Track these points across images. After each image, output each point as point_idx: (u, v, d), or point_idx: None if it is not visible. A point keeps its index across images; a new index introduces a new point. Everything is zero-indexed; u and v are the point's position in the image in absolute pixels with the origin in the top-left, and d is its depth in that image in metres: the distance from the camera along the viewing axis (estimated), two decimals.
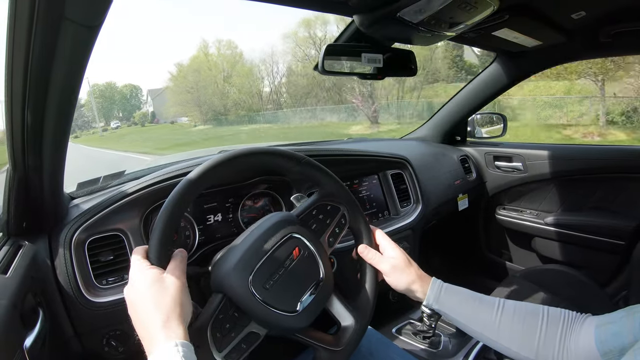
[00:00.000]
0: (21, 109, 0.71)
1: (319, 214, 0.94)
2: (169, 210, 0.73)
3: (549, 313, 0.80)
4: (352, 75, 1.25)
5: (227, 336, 0.74)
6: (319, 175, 0.95)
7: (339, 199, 0.97)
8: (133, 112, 70.13)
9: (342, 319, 0.91)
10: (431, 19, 0.97)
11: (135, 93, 73.89)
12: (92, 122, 73.64)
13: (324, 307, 0.89)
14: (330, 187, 0.96)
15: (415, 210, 1.76)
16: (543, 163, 2.08)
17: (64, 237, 1.02)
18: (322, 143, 2.18)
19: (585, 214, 2.00)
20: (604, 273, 1.95)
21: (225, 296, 0.77)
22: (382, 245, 0.98)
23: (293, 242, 0.86)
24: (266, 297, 0.77)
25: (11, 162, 0.85)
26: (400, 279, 0.93)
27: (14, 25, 0.55)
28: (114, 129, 60.59)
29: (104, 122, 72.43)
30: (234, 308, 0.77)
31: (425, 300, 0.91)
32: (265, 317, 0.77)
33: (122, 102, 72.36)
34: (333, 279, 0.89)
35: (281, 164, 0.91)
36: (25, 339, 0.77)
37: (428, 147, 2.26)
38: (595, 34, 1.50)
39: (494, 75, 2.03)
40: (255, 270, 0.79)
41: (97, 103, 70.64)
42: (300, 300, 0.82)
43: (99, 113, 74.38)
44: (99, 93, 71.78)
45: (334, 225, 0.95)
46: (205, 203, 1.31)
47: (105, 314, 1.04)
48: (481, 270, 2.55)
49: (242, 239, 0.85)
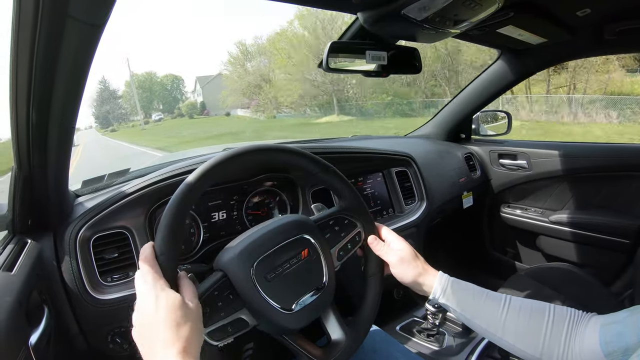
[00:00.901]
0: (26, 108, 0.71)
1: (336, 225, 0.94)
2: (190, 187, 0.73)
3: (555, 311, 0.79)
4: (356, 73, 1.25)
5: (216, 314, 0.73)
6: (343, 187, 0.95)
7: (358, 216, 0.96)
8: (174, 104, 65.49)
9: (334, 334, 0.90)
10: (435, 16, 0.97)
11: (176, 84, 69.73)
12: (131, 114, 70.03)
13: (319, 316, 0.89)
14: (352, 202, 0.96)
15: (419, 207, 1.76)
16: (548, 161, 2.08)
17: (69, 235, 1.02)
18: (327, 140, 2.18)
19: (590, 213, 1.99)
20: (609, 272, 1.95)
21: (225, 276, 0.78)
22: (388, 239, 0.97)
23: (304, 243, 0.86)
24: (265, 288, 0.78)
25: (16, 160, 0.86)
26: (407, 271, 0.92)
27: (18, 24, 0.56)
28: (156, 122, 55.70)
29: (142, 114, 67.61)
30: (231, 290, 0.77)
31: (432, 293, 0.90)
32: (259, 307, 0.77)
33: (162, 93, 68.20)
34: (334, 291, 0.88)
35: (307, 167, 0.91)
36: (31, 336, 0.78)
37: (433, 145, 2.26)
38: (599, 32, 1.50)
39: (499, 73, 2.03)
40: (261, 258, 0.79)
41: (135, 93, 66.52)
42: (297, 300, 0.81)
43: (134, 105, 69.00)
44: (137, 84, 67.48)
45: (347, 239, 0.94)
46: (210, 200, 1.31)
47: (110, 311, 1.04)
48: (485, 269, 2.54)
49: (256, 229, 0.86)
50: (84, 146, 30.69)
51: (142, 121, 54.65)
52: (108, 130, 63.41)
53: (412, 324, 1.57)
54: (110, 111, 72.60)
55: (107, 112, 72.63)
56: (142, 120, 55.72)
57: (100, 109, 75.17)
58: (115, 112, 71.22)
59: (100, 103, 74.37)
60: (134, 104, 66.13)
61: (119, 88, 75.62)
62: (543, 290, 1.62)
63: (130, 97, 67.11)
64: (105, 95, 74.50)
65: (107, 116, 72.33)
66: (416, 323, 1.57)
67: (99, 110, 75.16)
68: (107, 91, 74.32)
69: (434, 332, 1.49)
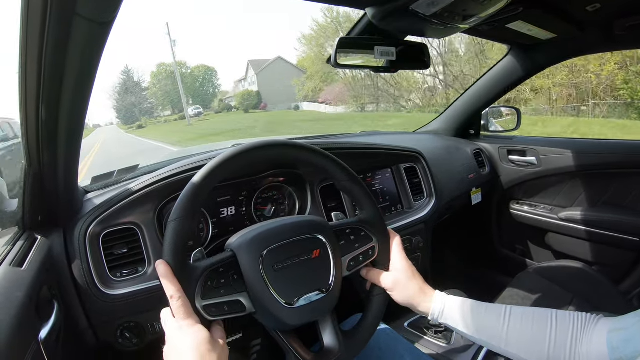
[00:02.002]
0: (35, 105, 0.71)
1: (352, 234, 0.95)
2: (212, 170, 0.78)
3: (557, 318, 0.78)
4: (365, 69, 1.26)
5: (216, 290, 0.75)
6: (365, 198, 0.96)
7: (375, 230, 0.97)
8: (207, 98, 58.63)
9: (328, 342, 0.89)
10: (444, 11, 0.97)
11: (209, 76, 62.14)
12: (159, 109, 63.04)
13: (317, 320, 0.89)
14: (372, 217, 0.96)
15: (428, 204, 1.75)
16: (557, 157, 2.06)
17: (79, 231, 1.03)
18: (336, 136, 2.18)
19: (599, 210, 1.98)
20: (618, 270, 1.93)
21: (234, 256, 0.79)
22: (392, 254, 0.98)
23: (318, 243, 0.86)
24: (270, 277, 0.79)
25: (26, 157, 0.86)
26: (401, 293, 0.94)
27: (27, 22, 0.56)
28: (194, 117, 45.89)
29: (170, 110, 61.86)
30: (236, 271, 0.79)
31: (430, 315, 0.91)
32: (260, 295, 0.78)
33: (193, 86, 60.46)
34: (337, 299, 0.88)
35: (332, 171, 0.93)
36: (41, 331, 0.79)
37: (441, 141, 2.25)
38: (609, 27, 1.48)
39: (508, 68, 2.01)
40: (272, 247, 0.81)
41: (163, 85, 60.60)
42: (300, 296, 0.82)
43: (162, 99, 61.90)
44: (165, 74, 61.44)
45: (360, 251, 0.94)
46: (219, 196, 1.31)
47: (119, 306, 1.05)
48: (494, 266, 2.53)
49: (273, 220, 0.88)
50: (103, 143, 26.89)
51: (190, 113, 43.43)
52: (134, 126, 53.57)
53: (420, 321, 1.57)
54: (136, 104, 65.00)
55: (133, 104, 64.81)
56: (191, 112, 45.41)
57: (122, 102, 65.00)
58: (143, 106, 63.45)
59: (122, 96, 65.58)
60: (166, 96, 60.19)
61: (146, 79, 67.27)
62: (551, 288, 1.61)
63: (156, 89, 61.13)
64: (129, 85, 65.29)
65: (133, 109, 64.49)
66: (425, 320, 1.57)
67: (121, 103, 65.22)
68: (130, 81, 66.43)
69: (442, 329, 1.49)
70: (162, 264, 0.71)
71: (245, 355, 1.53)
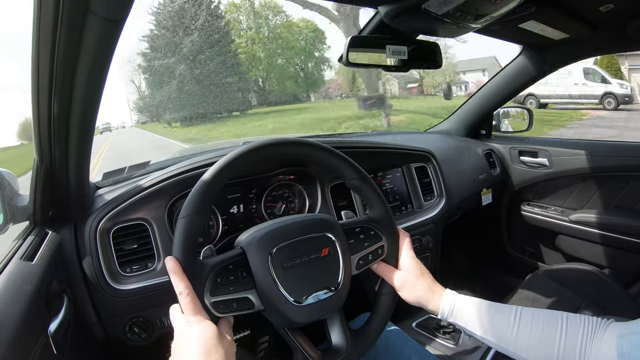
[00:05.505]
0: (48, 102, 0.72)
1: (361, 233, 0.95)
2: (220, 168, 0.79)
3: (568, 321, 0.77)
4: (376, 67, 1.25)
5: (225, 287, 0.75)
6: (375, 197, 0.96)
7: (385, 230, 0.96)
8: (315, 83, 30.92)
9: (336, 340, 0.89)
10: (456, 11, 0.96)
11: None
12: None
13: (325, 318, 0.89)
14: (382, 216, 0.96)
15: (438, 204, 1.75)
16: (569, 159, 2.04)
17: (90, 226, 1.04)
18: (346, 135, 2.18)
19: (610, 213, 1.95)
20: (629, 273, 1.91)
21: (244, 253, 0.80)
22: (401, 253, 0.98)
23: (327, 242, 0.87)
24: (279, 274, 0.79)
25: (38, 152, 0.87)
26: (410, 292, 0.93)
27: (39, 18, 0.56)
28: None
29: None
30: (246, 268, 0.79)
31: (440, 314, 0.91)
32: (269, 292, 0.78)
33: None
34: (345, 299, 0.88)
35: (342, 169, 0.93)
36: (50, 325, 0.79)
37: (452, 141, 2.24)
38: (622, 27, 1.46)
39: (520, 69, 2.00)
40: (281, 245, 0.81)
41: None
42: (309, 294, 0.82)
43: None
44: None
45: (369, 250, 0.94)
46: (229, 193, 1.32)
47: (128, 301, 1.06)
48: (503, 267, 2.52)
49: (283, 218, 0.89)
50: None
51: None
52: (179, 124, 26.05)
53: (428, 321, 1.57)
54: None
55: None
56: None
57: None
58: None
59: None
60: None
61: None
62: (561, 290, 1.60)
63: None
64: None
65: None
66: (433, 320, 1.57)
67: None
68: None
69: (450, 330, 1.48)
70: (172, 260, 0.71)
71: (253, 352, 1.53)
